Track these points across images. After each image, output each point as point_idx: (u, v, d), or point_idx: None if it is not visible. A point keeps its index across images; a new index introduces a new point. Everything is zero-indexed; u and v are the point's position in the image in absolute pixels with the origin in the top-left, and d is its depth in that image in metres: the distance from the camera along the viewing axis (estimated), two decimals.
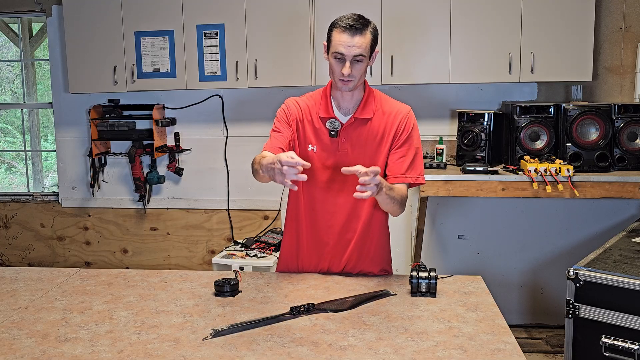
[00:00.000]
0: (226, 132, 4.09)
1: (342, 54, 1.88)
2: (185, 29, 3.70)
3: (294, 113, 2.05)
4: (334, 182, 2.03)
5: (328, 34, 1.94)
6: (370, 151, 2.02)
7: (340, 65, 1.91)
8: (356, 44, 1.87)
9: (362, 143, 2.02)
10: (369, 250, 2.11)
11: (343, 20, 1.89)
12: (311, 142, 2.03)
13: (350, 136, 2.01)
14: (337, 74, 1.93)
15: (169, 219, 4.25)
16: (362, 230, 2.07)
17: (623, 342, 2.16)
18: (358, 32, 1.87)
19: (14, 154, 5.70)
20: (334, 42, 1.90)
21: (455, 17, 3.47)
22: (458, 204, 3.92)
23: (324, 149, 2.03)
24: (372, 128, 2.02)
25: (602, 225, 3.79)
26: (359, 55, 1.88)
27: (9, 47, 5.11)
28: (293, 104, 2.07)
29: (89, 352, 1.52)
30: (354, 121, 2.01)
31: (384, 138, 2.02)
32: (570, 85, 3.75)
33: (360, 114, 2.01)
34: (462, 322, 1.68)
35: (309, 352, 1.50)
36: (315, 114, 2.04)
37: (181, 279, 2.10)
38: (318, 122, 2.03)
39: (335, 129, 2.00)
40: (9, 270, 2.24)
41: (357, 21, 1.88)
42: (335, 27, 1.90)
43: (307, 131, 2.03)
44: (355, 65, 1.90)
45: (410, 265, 3.78)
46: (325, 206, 2.06)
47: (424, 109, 3.90)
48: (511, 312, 3.92)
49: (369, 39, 1.91)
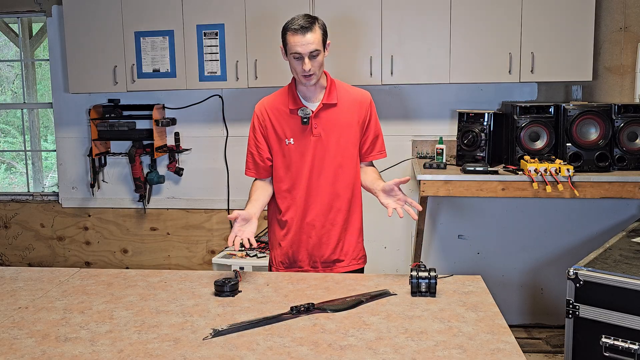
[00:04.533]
0: (226, 132, 4.09)
1: (299, 53, 2.09)
2: (185, 29, 3.70)
3: (263, 121, 2.25)
4: (313, 168, 2.21)
5: (282, 38, 2.15)
6: (342, 134, 2.21)
7: (299, 63, 2.11)
8: (309, 41, 2.08)
9: (333, 126, 2.20)
10: (355, 225, 2.29)
11: (293, 23, 2.10)
12: (286, 136, 2.21)
13: (321, 121, 2.20)
14: (299, 71, 2.13)
15: (169, 219, 4.25)
16: (345, 208, 2.25)
17: (623, 342, 2.16)
18: (309, 30, 2.08)
19: (14, 154, 5.70)
20: (290, 44, 2.10)
21: (455, 17, 3.47)
22: (458, 204, 3.92)
23: (299, 138, 2.20)
24: (341, 112, 2.22)
25: (602, 225, 3.79)
26: (314, 50, 2.09)
27: (9, 47, 5.12)
28: (260, 111, 2.27)
29: (89, 352, 1.52)
30: (322, 106, 2.20)
31: (353, 122, 2.22)
32: (570, 85, 3.75)
33: (327, 99, 2.20)
34: (462, 321, 1.68)
35: (309, 352, 1.50)
36: (285, 109, 2.22)
37: (181, 279, 2.10)
38: (289, 115, 2.21)
39: (307, 115, 2.18)
40: (9, 270, 2.24)
41: (306, 21, 2.09)
42: (288, 31, 2.11)
43: (282, 127, 2.22)
44: (313, 60, 2.10)
45: (410, 265, 3.78)
46: (309, 192, 2.22)
47: (424, 109, 3.90)
48: (511, 312, 3.92)
49: (320, 33, 2.11)
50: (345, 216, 2.26)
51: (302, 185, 2.22)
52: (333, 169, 2.21)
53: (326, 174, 2.20)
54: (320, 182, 2.21)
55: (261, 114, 2.27)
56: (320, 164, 2.20)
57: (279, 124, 2.22)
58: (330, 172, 2.21)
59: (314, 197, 2.22)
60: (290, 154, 2.21)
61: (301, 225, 2.25)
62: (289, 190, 2.24)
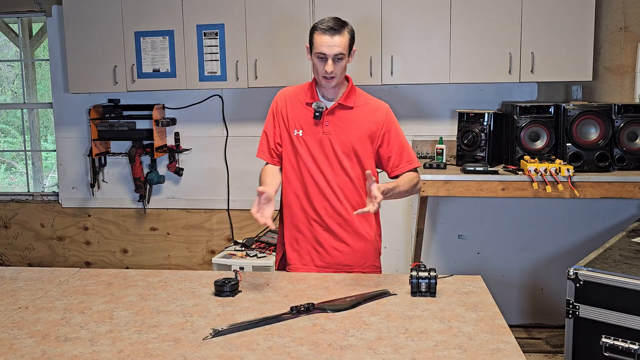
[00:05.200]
0: (226, 132, 4.09)
1: (324, 54, 2.07)
2: (185, 29, 3.70)
3: (281, 106, 2.25)
4: (320, 162, 2.19)
5: (310, 37, 2.13)
6: (353, 138, 2.18)
7: (322, 64, 2.10)
8: (336, 43, 2.06)
9: (346, 128, 2.18)
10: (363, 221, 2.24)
11: (323, 23, 2.08)
12: (296, 127, 2.21)
13: (333, 120, 2.19)
14: (321, 72, 2.12)
15: (169, 219, 4.25)
16: (354, 203, 2.21)
17: (623, 342, 2.16)
18: (337, 33, 2.07)
19: (14, 154, 5.70)
20: (316, 43, 2.09)
21: (455, 17, 3.47)
22: (458, 204, 3.92)
23: (309, 132, 2.19)
24: (356, 117, 2.20)
25: (602, 225, 3.79)
26: (339, 53, 2.08)
27: (9, 47, 5.12)
28: (280, 98, 2.27)
29: (89, 352, 1.52)
30: (337, 106, 2.19)
31: (364, 131, 2.19)
32: (570, 85, 3.75)
33: (344, 101, 2.19)
34: (462, 321, 1.68)
35: (309, 352, 1.50)
36: (302, 100, 2.22)
37: (181, 279, 2.10)
38: (304, 107, 2.21)
39: (320, 109, 2.17)
40: (9, 270, 2.24)
41: (336, 23, 2.08)
42: (316, 30, 2.09)
43: (295, 117, 2.21)
44: (336, 63, 2.09)
45: (410, 265, 3.78)
46: (317, 186, 2.20)
47: (424, 109, 3.90)
48: (511, 312, 3.92)
49: (347, 38, 2.10)
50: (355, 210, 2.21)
51: (309, 181, 2.20)
52: (335, 170, 2.19)
53: (328, 173, 2.18)
54: (327, 178, 2.19)
55: (281, 99, 2.26)
56: (325, 161, 2.18)
57: (294, 113, 2.22)
58: (331, 173, 2.18)
59: (322, 191, 2.20)
60: (298, 146, 2.19)
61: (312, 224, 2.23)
62: (294, 183, 2.23)
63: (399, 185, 2.10)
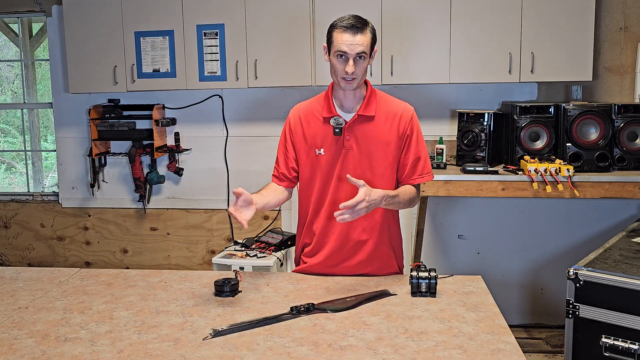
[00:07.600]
0: (226, 132, 4.09)
1: (345, 52, 1.92)
2: (185, 29, 3.70)
3: (295, 127, 2.11)
4: (342, 181, 2.04)
5: (328, 35, 1.98)
6: (376, 150, 2.05)
7: (343, 63, 1.94)
8: (358, 42, 1.91)
9: (368, 141, 2.04)
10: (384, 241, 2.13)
11: (343, 20, 1.93)
12: (317, 145, 2.07)
13: (355, 133, 2.04)
14: (340, 73, 1.96)
15: (169, 219, 4.25)
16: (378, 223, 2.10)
17: (623, 342, 2.16)
18: (359, 31, 1.91)
19: (14, 154, 5.70)
20: (336, 41, 1.93)
21: (455, 17, 3.47)
22: (458, 204, 3.92)
23: (330, 149, 2.05)
24: (377, 127, 2.05)
25: (602, 225, 3.79)
26: (361, 52, 1.92)
27: (9, 47, 5.11)
28: (293, 117, 2.13)
29: (89, 352, 1.52)
30: (358, 118, 2.04)
31: (391, 138, 2.05)
32: (570, 85, 3.75)
33: (364, 111, 2.04)
34: (462, 322, 1.68)
35: (309, 352, 1.50)
36: (319, 116, 2.07)
37: (181, 279, 2.10)
38: (322, 123, 2.07)
39: (339, 125, 2.03)
40: (9, 270, 2.24)
41: (357, 21, 1.93)
42: (336, 28, 1.94)
43: (313, 136, 2.07)
44: (357, 63, 1.94)
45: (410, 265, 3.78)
46: (334, 207, 2.01)
47: (424, 109, 3.89)
48: (511, 312, 3.92)
49: (369, 37, 1.95)
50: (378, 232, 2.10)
51: (328, 200, 2.07)
52: None
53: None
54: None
55: (294, 119, 2.11)
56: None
57: (311, 131, 2.07)
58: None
59: None
60: (320, 165, 2.06)
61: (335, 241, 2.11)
62: (315, 202, 2.11)
63: (399, 195, 1.98)
